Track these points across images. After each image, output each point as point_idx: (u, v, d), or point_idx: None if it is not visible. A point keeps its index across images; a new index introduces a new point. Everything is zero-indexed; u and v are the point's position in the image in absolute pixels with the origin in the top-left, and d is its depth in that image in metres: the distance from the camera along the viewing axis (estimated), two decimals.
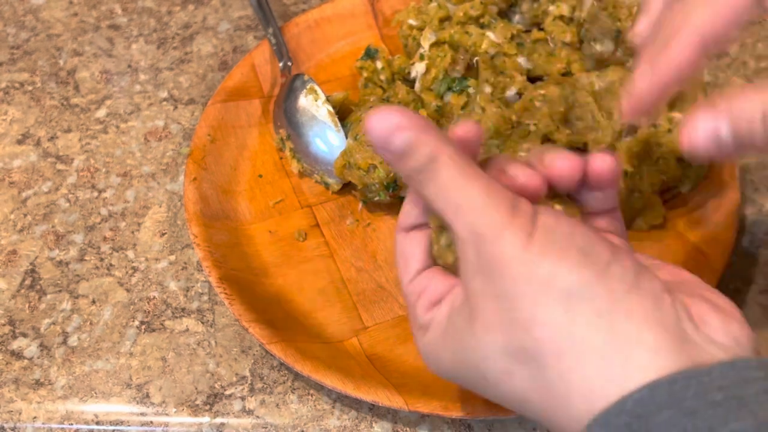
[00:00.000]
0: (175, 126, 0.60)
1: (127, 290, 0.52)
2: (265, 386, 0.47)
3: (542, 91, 0.48)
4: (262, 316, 0.47)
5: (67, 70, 0.64)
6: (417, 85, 0.55)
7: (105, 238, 0.54)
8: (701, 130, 0.32)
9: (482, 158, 0.37)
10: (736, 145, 0.32)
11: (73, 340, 0.50)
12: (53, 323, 0.51)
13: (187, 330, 0.50)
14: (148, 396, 0.47)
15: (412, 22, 0.57)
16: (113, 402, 0.47)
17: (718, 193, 0.50)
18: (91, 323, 0.50)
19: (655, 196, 0.50)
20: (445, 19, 0.56)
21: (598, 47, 0.52)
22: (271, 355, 0.47)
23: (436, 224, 0.36)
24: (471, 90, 0.53)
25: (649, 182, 0.49)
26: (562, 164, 0.35)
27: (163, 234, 0.54)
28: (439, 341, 0.35)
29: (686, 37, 0.32)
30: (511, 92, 0.49)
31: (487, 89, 0.49)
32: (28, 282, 0.53)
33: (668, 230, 0.50)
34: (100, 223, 0.55)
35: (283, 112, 0.57)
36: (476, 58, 0.52)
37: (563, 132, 0.48)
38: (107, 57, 0.65)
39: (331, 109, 0.55)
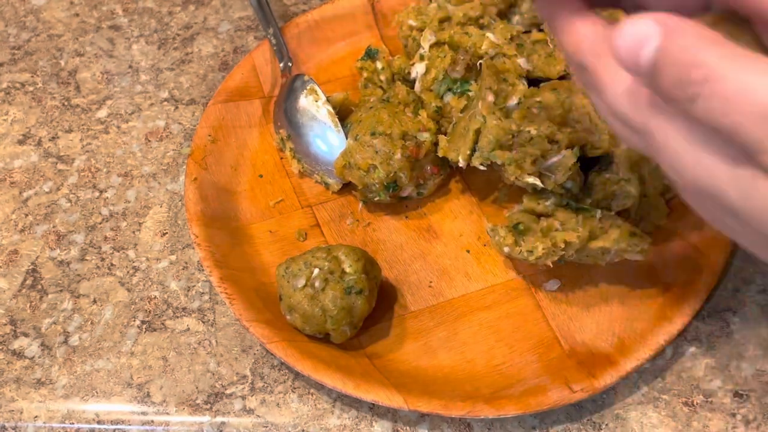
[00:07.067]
0: (176, 126, 0.60)
1: (128, 290, 0.52)
2: (265, 385, 0.48)
3: (538, 98, 0.48)
4: (263, 315, 0.48)
5: (68, 71, 0.64)
6: (417, 86, 0.56)
7: (106, 238, 0.54)
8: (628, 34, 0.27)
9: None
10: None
11: (74, 340, 0.50)
12: (54, 323, 0.51)
13: (188, 329, 0.50)
14: (148, 395, 0.48)
15: (411, 22, 0.57)
16: (114, 401, 0.47)
17: None
18: (92, 323, 0.51)
19: (659, 198, 0.50)
20: (445, 20, 0.56)
21: None
22: (272, 354, 0.48)
23: None
24: (471, 93, 0.53)
25: (652, 185, 0.49)
26: None
27: (164, 234, 0.54)
28: None
29: None
30: (512, 102, 0.49)
31: (490, 98, 0.49)
32: (29, 282, 0.53)
33: (670, 231, 0.51)
34: (101, 223, 0.55)
35: (284, 112, 0.57)
36: (480, 62, 0.52)
37: (565, 132, 0.48)
38: (108, 57, 0.65)
39: (331, 109, 0.56)
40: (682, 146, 0.28)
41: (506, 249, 0.48)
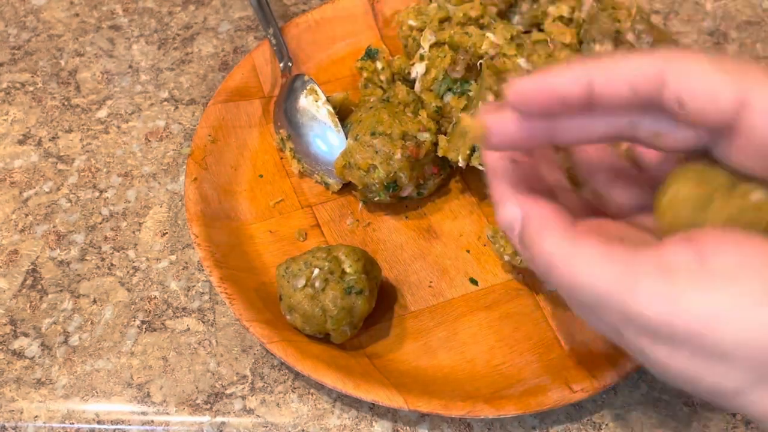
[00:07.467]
0: (176, 126, 0.60)
1: (128, 290, 0.52)
2: (265, 385, 0.48)
3: None
4: (263, 315, 0.48)
5: (68, 71, 0.64)
6: (417, 86, 0.56)
7: (106, 238, 0.54)
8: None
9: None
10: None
11: (74, 340, 0.50)
12: (54, 323, 0.51)
13: (188, 329, 0.50)
14: (149, 395, 0.48)
15: (412, 22, 0.57)
16: (114, 401, 0.47)
17: None
18: (92, 323, 0.51)
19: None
20: (445, 20, 0.56)
21: (597, 48, 0.52)
22: (272, 354, 0.48)
23: None
24: (471, 93, 0.53)
25: None
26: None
27: (164, 234, 0.54)
28: None
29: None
30: None
31: (490, 98, 0.49)
32: (29, 282, 0.53)
33: None
34: (101, 223, 0.55)
35: (284, 112, 0.57)
36: (480, 62, 0.52)
37: None
38: (108, 57, 0.65)
39: (331, 109, 0.56)
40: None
41: (506, 257, 0.48)
